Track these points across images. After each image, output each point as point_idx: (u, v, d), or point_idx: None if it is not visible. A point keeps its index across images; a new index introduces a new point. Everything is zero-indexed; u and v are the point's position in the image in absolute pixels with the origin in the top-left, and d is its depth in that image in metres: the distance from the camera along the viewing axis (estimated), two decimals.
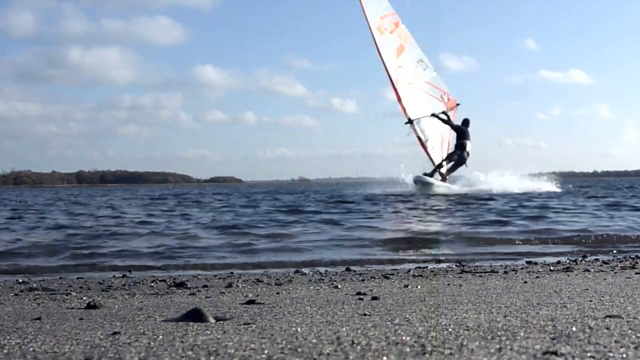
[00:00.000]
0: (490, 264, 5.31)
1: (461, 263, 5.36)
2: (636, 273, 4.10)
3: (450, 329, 1.81)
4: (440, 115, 21.80)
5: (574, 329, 1.77)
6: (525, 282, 3.66)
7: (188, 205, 17.62)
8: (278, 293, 3.42)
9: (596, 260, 5.41)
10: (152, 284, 4.17)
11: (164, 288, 3.93)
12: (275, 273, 4.85)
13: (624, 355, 1.48)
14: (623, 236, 7.69)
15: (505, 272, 4.47)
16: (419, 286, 3.57)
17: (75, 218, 12.38)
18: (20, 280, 4.53)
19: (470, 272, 4.53)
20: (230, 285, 3.98)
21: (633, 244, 7.05)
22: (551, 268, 4.74)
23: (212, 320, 2.18)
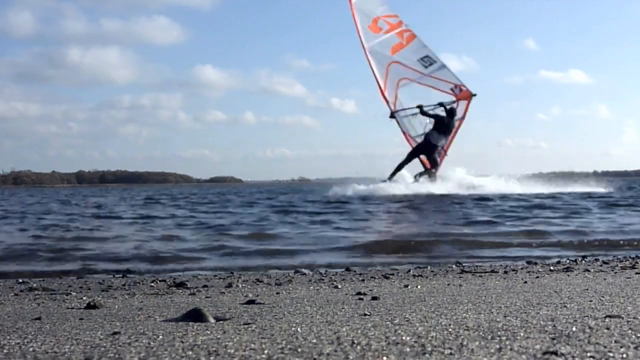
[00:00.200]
0: (490, 264, 5.31)
1: (461, 263, 5.36)
2: (636, 273, 4.10)
3: (450, 329, 1.81)
4: (425, 109, 21.29)
5: (574, 329, 1.77)
6: (525, 282, 3.66)
7: (178, 206, 17.26)
8: (278, 293, 3.42)
9: (596, 260, 5.41)
10: (152, 284, 4.17)
11: (164, 288, 3.93)
12: (275, 273, 4.85)
13: (624, 355, 1.48)
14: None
15: (505, 272, 4.47)
16: (419, 286, 3.57)
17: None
18: (20, 280, 4.53)
19: (470, 272, 4.54)
20: (230, 285, 3.98)
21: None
22: (551, 268, 4.74)
23: (212, 320, 2.18)
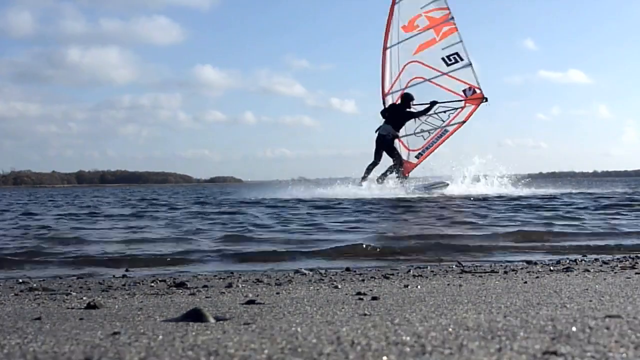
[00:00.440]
0: (490, 264, 5.31)
1: (461, 263, 5.36)
2: (636, 273, 4.10)
3: (450, 329, 1.81)
4: (412, 110, 18.78)
5: (574, 329, 1.77)
6: (525, 282, 3.66)
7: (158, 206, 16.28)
8: (278, 293, 3.42)
9: (596, 260, 5.41)
10: (152, 284, 4.17)
11: (164, 288, 3.93)
12: (275, 273, 4.85)
13: (624, 355, 1.49)
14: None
15: (505, 272, 4.47)
16: (419, 286, 3.57)
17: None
18: (20, 280, 4.53)
19: (470, 272, 4.54)
20: (230, 285, 3.99)
21: None
22: (551, 268, 4.74)
23: (212, 320, 2.18)
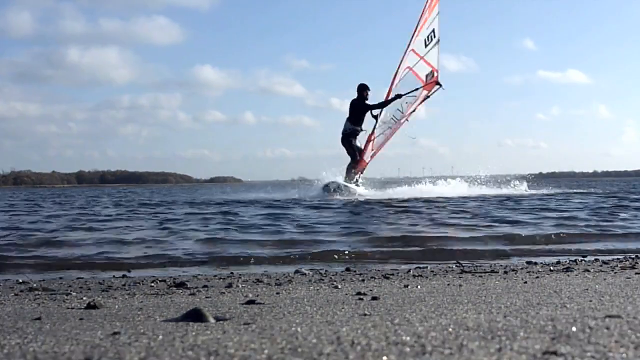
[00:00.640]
0: (490, 264, 5.31)
1: (461, 263, 5.35)
2: (636, 273, 4.10)
3: (450, 329, 1.81)
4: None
5: (574, 329, 1.77)
6: (525, 282, 3.66)
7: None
8: (278, 293, 3.42)
9: (596, 260, 5.41)
10: (152, 284, 4.18)
11: (164, 288, 3.93)
12: (275, 273, 4.85)
13: (624, 355, 1.48)
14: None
15: (505, 272, 4.47)
16: (419, 286, 3.57)
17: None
18: (20, 280, 4.53)
19: (470, 272, 4.54)
20: (230, 285, 3.98)
21: None
22: (551, 268, 4.74)
23: (212, 320, 2.18)
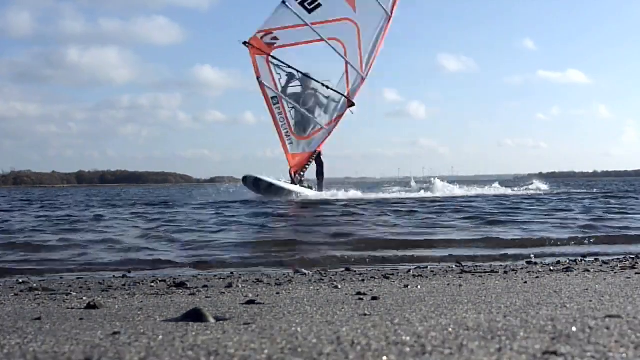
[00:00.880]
0: (490, 264, 5.31)
1: (461, 263, 5.35)
2: (636, 273, 4.10)
3: (450, 329, 1.81)
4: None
5: (574, 329, 1.77)
6: (525, 282, 3.66)
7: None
8: (278, 293, 3.42)
9: (596, 260, 5.41)
10: (152, 284, 4.17)
11: (164, 288, 3.93)
12: (275, 273, 4.85)
13: (624, 355, 1.48)
14: None
15: (505, 272, 4.47)
16: (419, 286, 3.57)
17: None
18: (20, 280, 4.53)
19: (470, 272, 4.54)
20: (230, 285, 3.98)
21: None
22: (551, 268, 4.74)
23: (212, 320, 2.18)
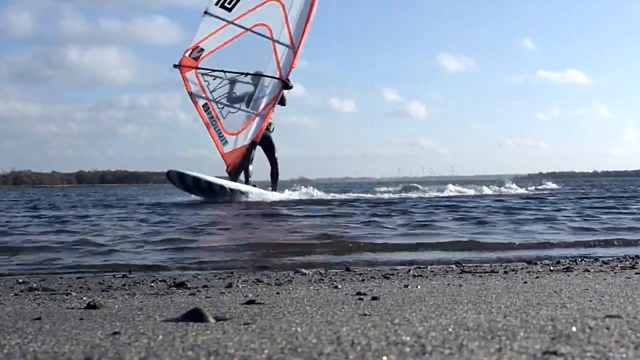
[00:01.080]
0: (490, 264, 5.31)
1: (461, 263, 5.35)
2: (636, 273, 4.10)
3: (450, 329, 1.81)
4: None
5: (574, 329, 1.77)
6: (525, 282, 3.66)
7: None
8: (278, 293, 3.42)
9: (596, 260, 5.41)
10: (152, 284, 4.17)
11: (164, 288, 3.93)
12: (275, 273, 4.85)
13: (624, 355, 1.49)
14: None
15: (505, 272, 4.47)
16: (419, 286, 3.57)
17: None
18: (20, 280, 4.53)
19: (470, 272, 4.54)
20: (230, 285, 3.98)
21: None
22: (551, 268, 4.74)
23: (212, 320, 2.18)
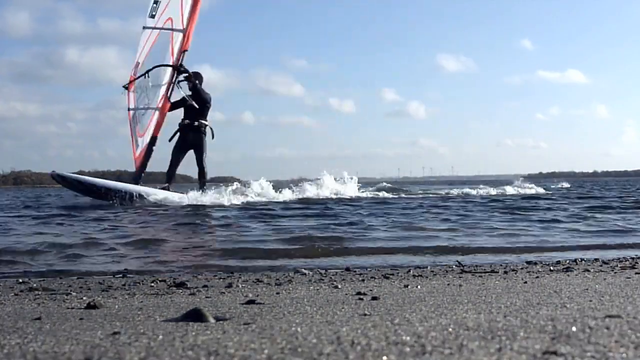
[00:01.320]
0: (490, 264, 5.31)
1: (461, 263, 5.35)
2: (636, 273, 4.10)
3: (450, 329, 1.81)
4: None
5: (574, 329, 1.77)
6: (525, 282, 3.66)
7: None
8: (278, 293, 3.42)
9: (596, 260, 5.41)
10: (152, 284, 4.17)
11: (164, 288, 3.93)
12: (275, 273, 4.85)
13: (624, 355, 1.49)
14: None
15: (505, 272, 4.47)
16: (419, 286, 3.57)
17: None
18: (20, 280, 4.53)
19: (470, 272, 4.54)
20: (230, 285, 3.98)
21: None
22: (551, 268, 4.75)
23: (212, 320, 2.18)
